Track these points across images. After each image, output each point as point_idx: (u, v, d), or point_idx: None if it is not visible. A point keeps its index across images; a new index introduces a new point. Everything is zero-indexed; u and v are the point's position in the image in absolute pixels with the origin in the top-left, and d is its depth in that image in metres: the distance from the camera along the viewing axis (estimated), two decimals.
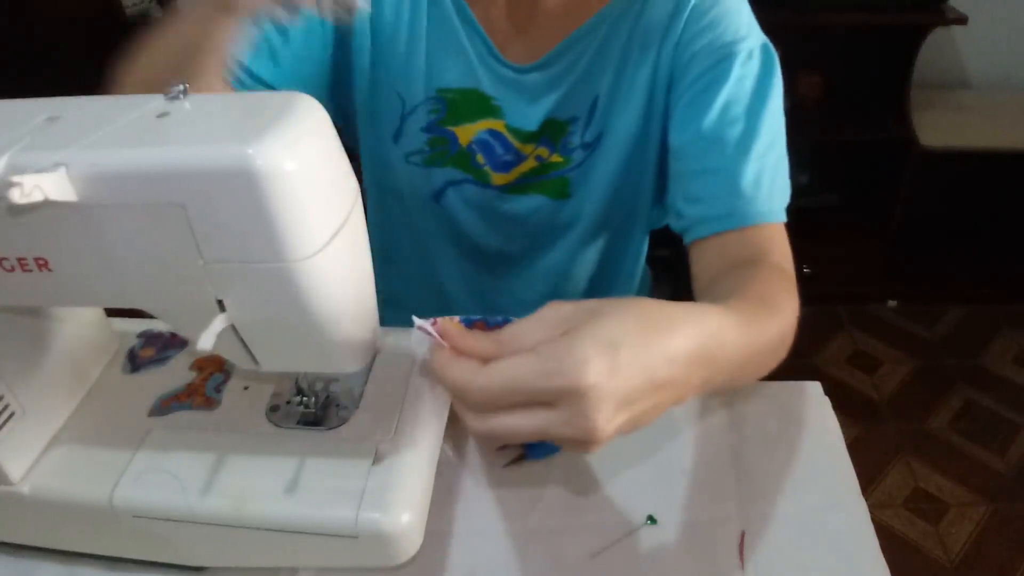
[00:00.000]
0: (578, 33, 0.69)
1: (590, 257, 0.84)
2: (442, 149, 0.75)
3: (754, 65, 0.66)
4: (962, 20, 1.78)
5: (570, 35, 0.69)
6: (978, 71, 2.10)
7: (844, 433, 0.65)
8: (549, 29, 0.70)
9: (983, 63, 2.09)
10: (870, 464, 1.72)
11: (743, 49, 0.65)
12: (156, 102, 0.42)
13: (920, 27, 1.82)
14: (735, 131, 0.65)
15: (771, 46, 0.68)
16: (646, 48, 0.69)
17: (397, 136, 0.76)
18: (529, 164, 0.76)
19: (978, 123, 1.97)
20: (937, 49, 2.00)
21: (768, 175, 0.65)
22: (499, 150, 0.75)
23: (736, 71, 0.65)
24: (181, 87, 0.41)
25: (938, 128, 1.91)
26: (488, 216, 0.80)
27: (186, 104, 0.41)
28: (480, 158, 0.76)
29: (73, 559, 0.56)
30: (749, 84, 0.65)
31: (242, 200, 0.37)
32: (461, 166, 0.76)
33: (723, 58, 0.65)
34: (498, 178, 0.77)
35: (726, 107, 0.65)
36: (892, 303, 2.19)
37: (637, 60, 0.69)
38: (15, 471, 0.52)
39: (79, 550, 0.56)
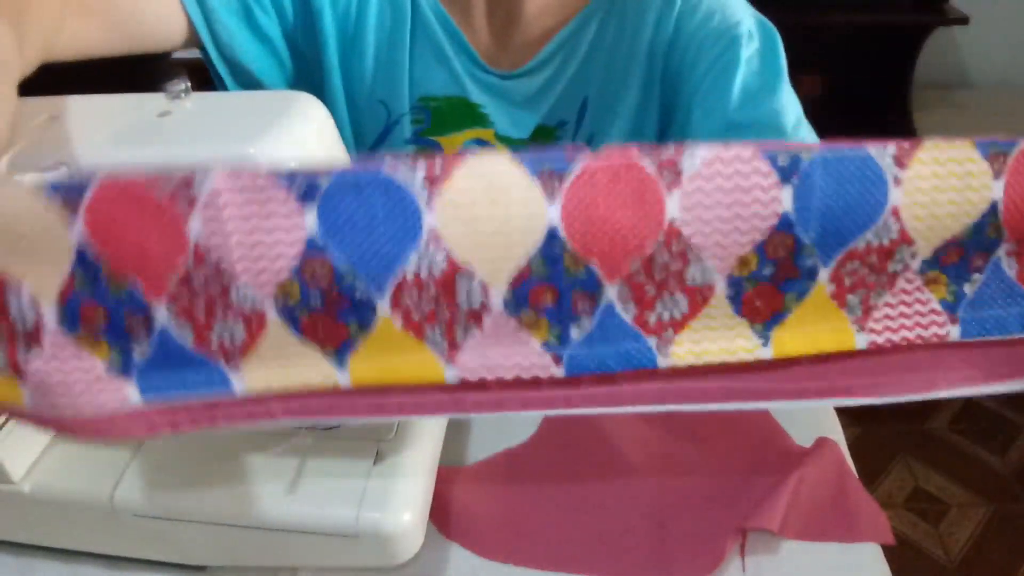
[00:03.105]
0: (561, 37, 0.68)
1: None
2: None
3: (755, 44, 0.65)
4: (963, 20, 1.78)
5: (553, 39, 0.68)
6: (979, 71, 2.10)
7: (844, 433, 0.65)
8: (532, 35, 0.69)
9: (984, 63, 2.09)
10: (870, 464, 1.72)
11: (743, 32, 0.64)
12: (157, 101, 0.42)
13: (921, 27, 1.82)
14: (763, 111, 0.62)
15: (767, 22, 0.66)
16: (636, 45, 0.67)
17: (378, 144, 0.74)
18: None
19: (979, 123, 1.97)
20: (938, 49, 2.00)
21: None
22: None
23: (743, 53, 0.63)
24: (183, 86, 0.41)
25: (939, 128, 1.91)
26: None
27: (187, 103, 0.41)
28: None
29: (74, 558, 0.56)
30: (756, 63, 0.64)
31: None
32: None
33: (728, 44, 0.64)
34: None
35: (745, 91, 0.63)
36: None
37: (627, 58, 0.68)
38: (16, 470, 0.52)
39: (80, 549, 0.56)
